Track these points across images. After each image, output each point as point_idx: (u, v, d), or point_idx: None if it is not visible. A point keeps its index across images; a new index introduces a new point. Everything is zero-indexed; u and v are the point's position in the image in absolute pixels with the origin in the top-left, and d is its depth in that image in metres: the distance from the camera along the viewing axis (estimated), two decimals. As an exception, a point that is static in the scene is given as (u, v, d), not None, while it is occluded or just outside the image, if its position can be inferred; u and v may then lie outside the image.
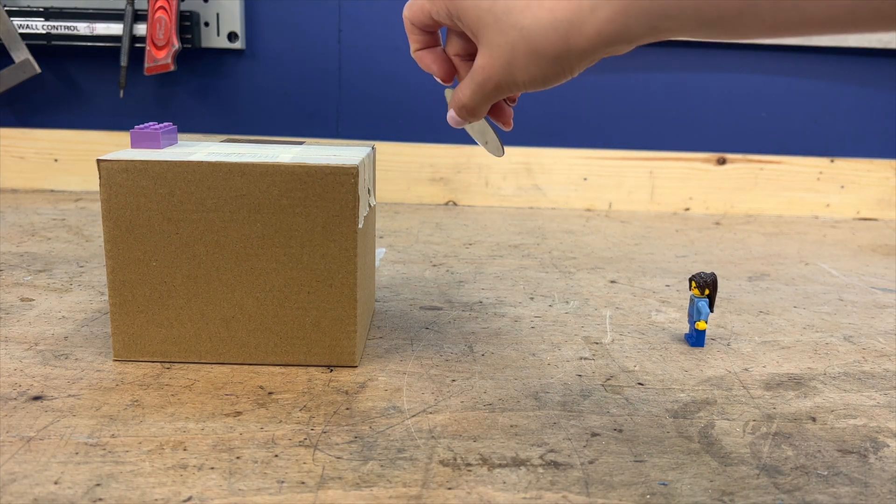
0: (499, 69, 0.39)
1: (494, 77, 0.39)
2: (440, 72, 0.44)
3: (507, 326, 0.60)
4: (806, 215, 1.12)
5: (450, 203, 1.11)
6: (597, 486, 0.37)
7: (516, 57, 0.37)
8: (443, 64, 0.44)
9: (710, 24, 0.32)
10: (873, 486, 0.38)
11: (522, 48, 0.37)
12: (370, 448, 0.40)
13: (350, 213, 0.47)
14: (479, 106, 0.42)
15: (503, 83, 0.39)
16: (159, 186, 0.47)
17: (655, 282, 0.74)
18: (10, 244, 0.79)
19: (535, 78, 0.38)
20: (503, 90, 0.40)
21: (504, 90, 0.40)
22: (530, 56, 0.37)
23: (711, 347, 0.56)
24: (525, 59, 0.37)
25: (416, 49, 0.44)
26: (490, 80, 0.39)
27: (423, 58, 0.44)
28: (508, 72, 0.38)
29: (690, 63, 1.08)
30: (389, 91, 1.08)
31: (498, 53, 0.38)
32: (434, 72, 0.44)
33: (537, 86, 0.39)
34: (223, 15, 1.03)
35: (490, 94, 0.41)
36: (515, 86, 0.39)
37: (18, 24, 0.99)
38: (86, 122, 1.09)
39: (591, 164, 1.10)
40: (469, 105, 0.42)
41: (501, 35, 0.37)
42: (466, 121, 0.43)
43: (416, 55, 0.45)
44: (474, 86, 0.41)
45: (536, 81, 0.38)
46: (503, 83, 0.39)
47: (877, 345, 0.58)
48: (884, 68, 1.09)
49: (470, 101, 0.42)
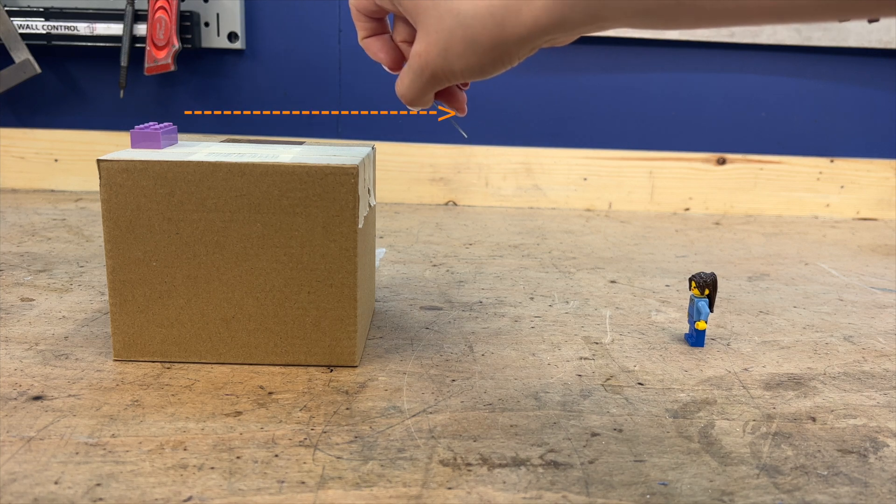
0: (435, 56, 0.37)
1: (431, 64, 0.38)
2: (387, 59, 0.43)
3: (507, 326, 0.60)
4: (806, 215, 1.12)
5: (450, 203, 1.11)
6: (597, 485, 0.37)
7: (452, 44, 0.36)
8: (390, 51, 0.43)
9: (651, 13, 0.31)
10: (873, 486, 0.38)
11: (459, 35, 0.36)
12: (370, 448, 0.40)
13: (350, 213, 0.48)
14: (418, 95, 0.41)
15: (439, 71, 0.38)
16: (159, 186, 0.47)
17: (655, 282, 0.74)
18: (10, 244, 0.79)
19: (471, 66, 0.37)
20: (440, 79, 0.39)
21: (441, 79, 0.39)
22: (467, 43, 0.36)
23: (711, 347, 0.56)
24: (461, 46, 0.36)
25: (363, 37, 0.43)
26: (427, 68, 0.38)
27: (371, 45, 0.43)
28: (445, 59, 0.37)
29: (690, 63, 1.08)
30: (389, 91, 1.08)
31: (434, 40, 0.37)
32: (381, 60, 0.43)
33: (475, 75, 0.38)
34: (223, 15, 1.03)
35: (428, 84, 0.39)
36: (452, 74, 0.38)
37: (18, 24, 0.99)
38: (86, 122, 1.09)
39: (591, 164, 1.10)
40: (408, 95, 0.41)
41: (438, 21, 0.36)
42: (413, 108, 0.42)
43: (363, 43, 0.43)
44: (412, 74, 0.39)
45: (473, 70, 0.37)
46: (439, 71, 0.38)
47: (877, 345, 0.58)
48: (884, 68, 1.09)
49: (409, 91, 0.40)
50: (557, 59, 1.08)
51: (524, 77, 1.08)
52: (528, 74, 1.08)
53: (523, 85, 1.09)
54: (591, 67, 1.09)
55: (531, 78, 1.08)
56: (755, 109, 1.10)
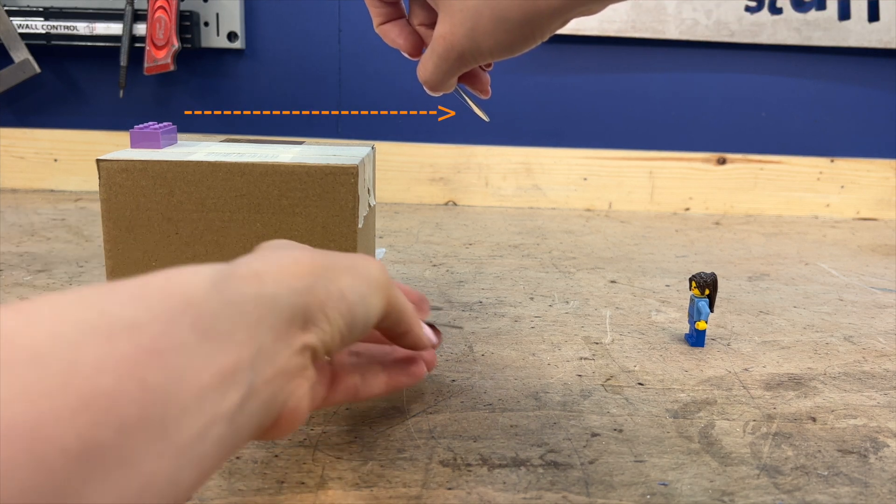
0: (461, 37, 0.35)
1: (457, 46, 0.36)
2: (406, 45, 0.41)
3: (507, 326, 0.60)
4: (806, 215, 1.12)
5: (450, 203, 1.11)
6: (597, 486, 0.37)
7: (480, 23, 0.34)
8: (408, 36, 0.41)
9: None
10: (873, 487, 0.38)
11: (487, 12, 0.33)
12: (370, 448, 0.40)
13: (350, 213, 0.47)
14: (443, 79, 0.38)
15: (467, 52, 0.36)
16: (159, 186, 0.47)
17: (655, 282, 0.74)
18: (9, 244, 0.79)
19: (501, 44, 0.35)
20: (467, 60, 0.36)
21: (469, 60, 0.36)
22: (496, 21, 0.33)
23: (711, 347, 0.56)
24: (490, 24, 0.34)
25: (379, 23, 0.41)
26: (453, 50, 0.36)
27: (388, 32, 0.41)
28: (472, 39, 0.35)
29: (690, 63, 1.08)
30: (389, 91, 1.08)
31: (460, 20, 0.35)
32: (400, 45, 0.41)
33: (504, 53, 0.35)
34: (223, 15, 1.03)
35: (454, 66, 0.37)
36: (480, 54, 0.36)
37: (18, 23, 0.99)
38: (85, 122, 1.09)
39: (591, 164, 1.10)
40: (432, 80, 0.38)
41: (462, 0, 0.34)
42: (435, 93, 0.40)
43: (379, 30, 0.41)
44: (436, 58, 0.37)
45: (503, 48, 0.35)
46: (467, 52, 0.36)
47: (877, 345, 0.58)
48: (884, 68, 1.09)
49: (433, 76, 0.38)
50: (557, 59, 1.08)
51: (524, 77, 1.08)
52: (529, 74, 1.08)
53: (523, 85, 1.08)
54: (591, 67, 1.08)
55: (531, 78, 1.08)
56: (755, 109, 1.10)
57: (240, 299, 0.25)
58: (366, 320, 0.32)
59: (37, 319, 0.20)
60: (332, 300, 0.29)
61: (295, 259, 0.29)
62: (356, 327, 0.31)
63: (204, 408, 0.23)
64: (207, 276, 0.25)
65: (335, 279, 0.30)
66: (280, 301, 0.27)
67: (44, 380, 0.19)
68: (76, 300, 0.22)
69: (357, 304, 0.31)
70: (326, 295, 0.29)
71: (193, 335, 0.23)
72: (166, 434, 0.21)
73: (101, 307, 0.21)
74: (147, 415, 0.20)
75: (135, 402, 0.20)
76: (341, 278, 0.30)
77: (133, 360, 0.21)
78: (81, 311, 0.21)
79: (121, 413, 0.20)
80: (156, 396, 0.21)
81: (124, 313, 0.22)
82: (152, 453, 0.21)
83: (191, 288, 0.24)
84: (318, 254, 0.31)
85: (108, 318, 0.21)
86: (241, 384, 0.24)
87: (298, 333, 0.28)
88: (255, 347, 0.25)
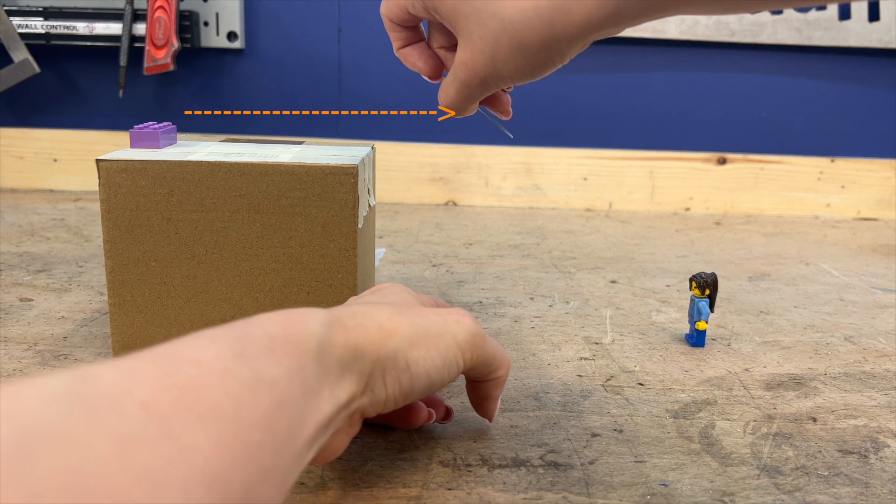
0: (482, 64, 0.36)
1: (479, 73, 0.36)
2: (426, 69, 0.41)
3: (507, 326, 0.59)
4: (806, 215, 1.12)
5: (450, 203, 1.10)
6: (597, 486, 0.37)
7: (499, 50, 0.34)
8: (428, 60, 0.41)
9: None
10: (874, 487, 0.38)
11: (505, 40, 0.34)
12: (370, 448, 0.40)
13: (350, 213, 0.47)
14: (465, 104, 0.39)
15: (488, 78, 0.36)
16: (158, 186, 0.47)
17: (656, 282, 0.74)
18: (9, 244, 0.79)
19: (521, 70, 0.35)
20: (489, 86, 0.37)
21: (490, 86, 0.37)
22: (515, 48, 0.34)
23: (712, 348, 0.56)
24: (509, 51, 0.34)
25: (399, 47, 0.41)
26: (474, 77, 0.37)
27: (408, 56, 0.41)
28: (492, 66, 0.35)
29: (690, 63, 1.08)
30: (389, 91, 1.08)
31: (480, 47, 0.35)
32: (420, 69, 0.41)
33: (524, 78, 0.36)
34: (223, 14, 1.03)
35: (475, 91, 0.38)
36: (501, 80, 0.36)
37: (17, 23, 0.99)
38: (85, 122, 1.09)
39: (591, 164, 1.10)
40: (455, 104, 0.39)
41: (481, 27, 0.34)
42: (459, 115, 0.41)
43: (399, 53, 0.42)
44: (458, 84, 0.38)
45: (524, 73, 0.35)
46: (488, 78, 0.36)
47: (877, 345, 0.58)
48: (884, 68, 1.09)
49: (455, 101, 0.39)
50: (557, 58, 1.07)
51: (524, 77, 1.08)
52: (528, 74, 1.08)
53: (523, 85, 1.08)
54: (591, 67, 1.08)
55: (531, 78, 1.08)
56: (755, 109, 1.10)
57: (330, 361, 0.29)
58: (427, 390, 0.34)
59: (209, 370, 0.23)
60: (396, 370, 0.32)
61: (380, 324, 0.32)
62: (414, 395, 0.33)
63: (305, 456, 0.26)
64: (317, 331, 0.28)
65: (409, 349, 0.32)
66: (357, 366, 0.30)
67: (224, 433, 0.21)
68: (236, 354, 0.24)
69: (420, 377, 0.33)
70: (393, 364, 0.32)
71: (302, 391, 0.26)
72: (284, 480, 0.24)
73: (252, 364, 0.24)
74: (276, 463, 0.23)
75: (270, 451, 0.23)
76: (415, 350, 0.32)
77: (270, 414, 0.24)
78: (240, 366, 0.24)
79: (263, 462, 0.23)
80: (281, 446, 0.24)
81: (263, 369, 0.25)
82: (273, 496, 0.24)
83: (304, 342, 0.27)
84: (403, 316, 0.33)
85: (255, 375, 0.24)
86: (323, 437, 0.28)
87: (358, 397, 0.31)
88: (335, 405, 0.28)
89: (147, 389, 0.21)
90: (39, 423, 0.18)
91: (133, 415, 0.20)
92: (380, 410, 0.32)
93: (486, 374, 0.38)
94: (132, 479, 0.18)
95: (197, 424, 0.21)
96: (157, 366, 0.22)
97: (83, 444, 0.18)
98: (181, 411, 0.21)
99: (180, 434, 0.20)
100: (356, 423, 0.33)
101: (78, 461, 0.17)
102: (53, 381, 0.20)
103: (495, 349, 0.37)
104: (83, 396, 0.19)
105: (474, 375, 0.38)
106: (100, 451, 0.18)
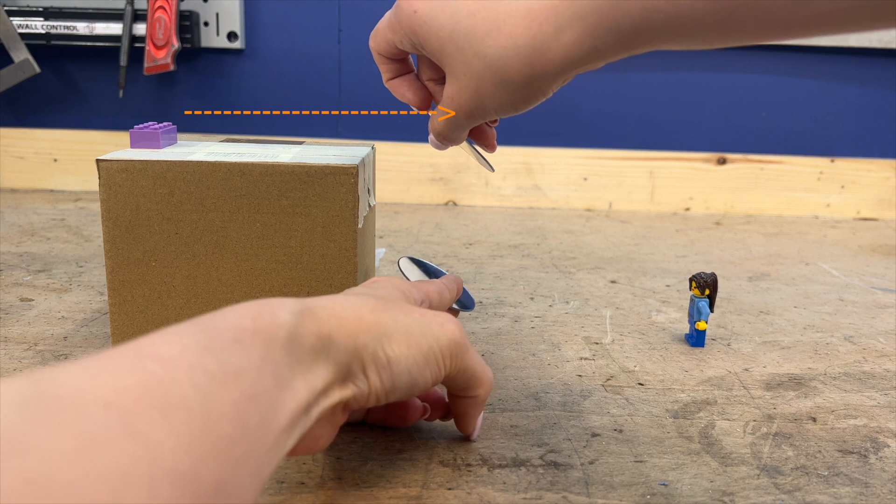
0: (468, 99, 0.38)
1: (465, 106, 0.38)
2: (415, 100, 0.43)
3: (507, 326, 0.59)
4: (806, 215, 1.12)
5: (450, 203, 1.10)
6: (597, 486, 0.37)
7: (483, 86, 0.36)
8: (417, 91, 0.43)
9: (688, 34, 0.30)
10: (874, 487, 0.38)
11: (489, 77, 0.36)
12: (370, 448, 0.40)
13: (350, 213, 0.47)
14: (453, 134, 0.41)
15: (474, 112, 0.38)
16: (159, 186, 0.47)
17: (656, 282, 0.74)
18: (9, 244, 0.79)
19: (505, 105, 0.37)
20: (475, 118, 0.39)
21: (476, 118, 0.39)
22: (498, 84, 0.36)
23: (712, 347, 0.56)
24: (493, 87, 0.36)
25: (388, 79, 0.43)
26: (461, 110, 0.39)
27: (397, 87, 0.43)
28: (478, 100, 0.37)
29: (690, 63, 1.08)
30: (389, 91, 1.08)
31: (465, 83, 0.37)
32: (409, 100, 0.43)
33: (508, 111, 0.38)
34: (223, 14, 1.03)
35: (463, 123, 0.40)
36: (486, 113, 0.38)
37: (18, 23, 0.99)
38: (85, 122, 1.09)
39: (591, 164, 1.10)
40: (444, 133, 0.41)
41: (466, 65, 0.36)
42: (446, 146, 0.43)
43: (389, 85, 0.43)
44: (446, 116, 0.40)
45: (507, 107, 0.37)
46: (474, 112, 0.38)
47: (877, 345, 0.58)
48: (884, 68, 1.09)
49: (444, 131, 0.41)
50: (557, 58, 1.07)
51: (524, 77, 1.08)
52: (528, 74, 1.08)
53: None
54: (591, 67, 1.08)
55: (531, 78, 1.08)
56: (755, 109, 1.10)
57: (301, 351, 0.28)
58: (410, 389, 0.33)
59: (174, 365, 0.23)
60: (376, 365, 0.32)
61: (359, 316, 0.32)
62: (397, 391, 0.33)
63: (283, 444, 0.26)
64: (286, 320, 0.28)
65: (388, 344, 0.32)
66: (332, 355, 0.30)
67: (192, 428, 0.21)
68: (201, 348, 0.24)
69: (401, 375, 0.32)
70: (372, 358, 0.31)
71: (273, 381, 0.26)
72: (260, 471, 0.24)
73: (218, 356, 0.24)
74: (250, 452, 0.23)
75: (242, 443, 0.23)
76: (395, 345, 0.32)
77: (240, 405, 0.23)
78: (206, 359, 0.24)
79: (234, 454, 0.22)
80: (254, 437, 0.24)
81: (231, 360, 0.24)
82: (249, 487, 0.23)
83: (273, 332, 0.27)
84: (387, 311, 0.33)
85: (223, 367, 0.24)
86: (302, 427, 0.28)
87: (338, 388, 0.30)
88: (311, 393, 0.28)
89: (109, 389, 0.20)
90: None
91: (95, 415, 0.19)
92: (365, 404, 0.32)
93: (464, 390, 0.37)
94: (95, 481, 0.18)
95: (162, 421, 0.20)
96: (119, 364, 0.22)
97: (42, 449, 0.18)
98: (145, 408, 0.20)
99: (145, 431, 0.20)
100: (340, 414, 0.32)
101: (38, 467, 0.17)
102: (9, 386, 0.19)
103: (476, 365, 0.37)
104: (42, 399, 0.19)
105: (452, 387, 0.37)
106: (60, 455, 0.18)
